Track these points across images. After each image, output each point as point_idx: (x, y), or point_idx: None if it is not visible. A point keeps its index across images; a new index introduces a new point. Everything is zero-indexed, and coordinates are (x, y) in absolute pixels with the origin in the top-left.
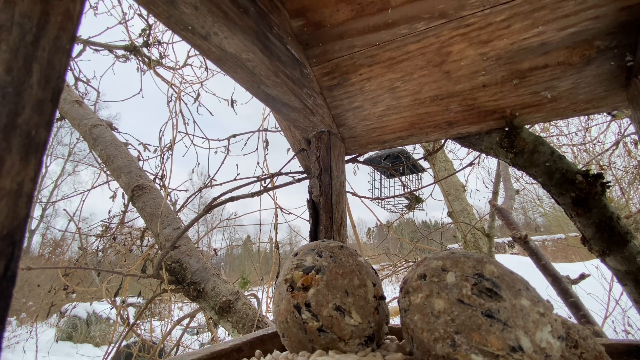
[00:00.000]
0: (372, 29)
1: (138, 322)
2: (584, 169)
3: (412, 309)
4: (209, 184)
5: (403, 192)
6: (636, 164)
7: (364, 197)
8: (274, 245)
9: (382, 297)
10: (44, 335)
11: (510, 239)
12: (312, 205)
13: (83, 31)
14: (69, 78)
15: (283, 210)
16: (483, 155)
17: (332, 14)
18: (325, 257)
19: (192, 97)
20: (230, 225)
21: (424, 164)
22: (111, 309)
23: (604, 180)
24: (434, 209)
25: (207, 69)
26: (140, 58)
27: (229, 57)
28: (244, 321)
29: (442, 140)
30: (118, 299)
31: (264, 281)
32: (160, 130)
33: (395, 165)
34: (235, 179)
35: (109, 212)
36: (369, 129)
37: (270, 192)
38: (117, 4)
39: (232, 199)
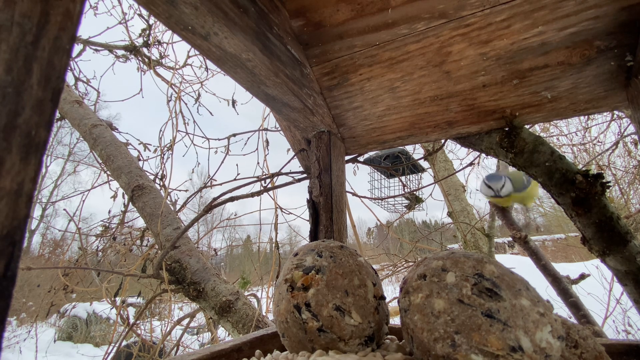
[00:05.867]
0: (372, 29)
1: (138, 322)
2: (584, 169)
3: (412, 309)
4: (209, 184)
5: (403, 192)
6: (636, 164)
7: (364, 197)
8: (274, 245)
9: (382, 297)
10: (44, 335)
11: (510, 239)
12: (312, 205)
13: (83, 31)
14: (69, 78)
15: (283, 210)
16: (483, 155)
17: (332, 14)
18: (325, 257)
19: (192, 97)
20: (230, 225)
21: (424, 164)
22: (111, 309)
23: (604, 180)
24: (434, 209)
25: (207, 69)
26: (140, 58)
27: (229, 57)
28: (244, 321)
29: (442, 140)
30: (118, 299)
31: (264, 281)
32: (160, 130)
33: (395, 165)
34: (235, 179)
35: (109, 212)
36: (369, 129)
37: (270, 192)
38: (117, 4)
39: (232, 199)
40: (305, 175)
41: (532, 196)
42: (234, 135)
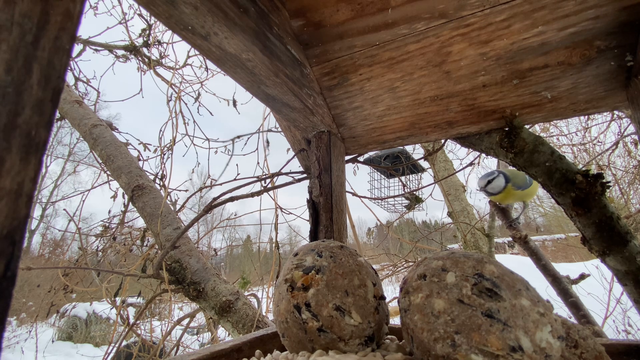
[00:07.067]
0: (372, 29)
1: (138, 322)
2: (584, 169)
3: (412, 309)
4: (210, 185)
5: (403, 192)
6: (636, 164)
7: (364, 197)
8: (274, 245)
9: (382, 297)
10: (44, 335)
11: (510, 239)
12: (312, 205)
13: (83, 31)
14: (69, 78)
15: (283, 210)
16: (483, 155)
17: (332, 14)
18: (325, 257)
19: (192, 97)
20: (230, 225)
21: (424, 164)
22: (111, 309)
23: (604, 180)
24: (434, 209)
25: (207, 69)
26: (140, 58)
27: (229, 57)
28: (244, 321)
29: (442, 140)
30: (118, 299)
31: (264, 281)
32: (160, 130)
33: (395, 165)
34: (235, 179)
35: (109, 212)
36: (369, 129)
37: (271, 192)
38: (117, 4)
39: (232, 199)
40: (305, 175)
41: (533, 194)
42: (239, 137)
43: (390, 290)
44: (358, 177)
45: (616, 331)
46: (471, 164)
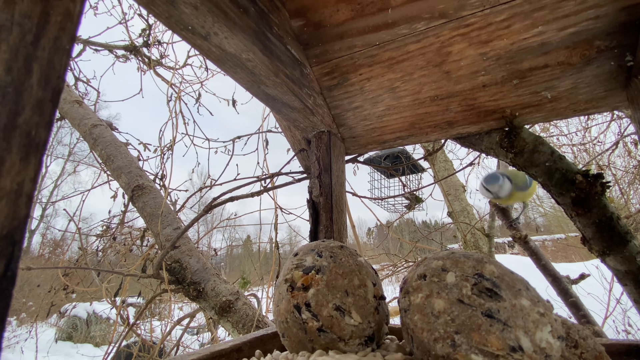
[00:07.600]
0: (372, 29)
1: (138, 322)
2: (584, 169)
3: (412, 309)
4: (210, 185)
5: (403, 192)
6: (636, 164)
7: (364, 197)
8: (274, 245)
9: (382, 297)
10: (44, 335)
11: (510, 239)
12: (312, 205)
13: (83, 31)
14: (69, 78)
15: (283, 210)
16: (483, 155)
17: (332, 14)
18: (325, 257)
19: (192, 97)
20: (230, 225)
21: (424, 164)
22: (111, 309)
23: (604, 180)
24: (434, 209)
25: (207, 69)
26: (140, 58)
27: (229, 57)
28: (244, 321)
29: (442, 140)
30: (118, 299)
31: (264, 281)
32: (160, 130)
33: (395, 165)
34: (235, 179)
35: (109, 212)
36: (369, 129)
37: (271, 192)
38: (117, 4)
39: (232, 199)
40: (305, 175)
41: (532, 193)
42: (239, 137)
43: (390, 290)
44: (358, 177)
45: (616, 331)
46: (471, 164)
